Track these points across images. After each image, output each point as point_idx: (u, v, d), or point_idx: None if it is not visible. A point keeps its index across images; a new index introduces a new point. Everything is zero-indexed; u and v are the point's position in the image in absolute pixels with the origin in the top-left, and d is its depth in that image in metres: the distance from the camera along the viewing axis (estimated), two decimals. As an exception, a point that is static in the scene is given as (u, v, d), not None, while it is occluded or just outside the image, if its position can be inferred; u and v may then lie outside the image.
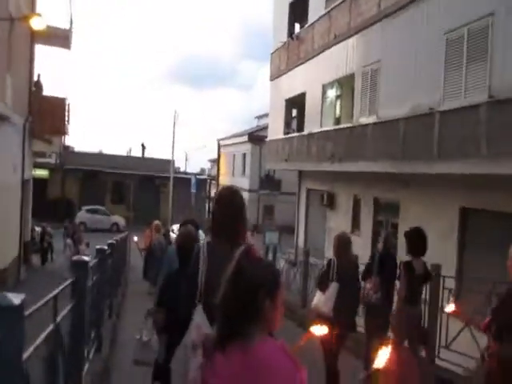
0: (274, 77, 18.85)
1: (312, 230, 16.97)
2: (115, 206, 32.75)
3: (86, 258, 3.91)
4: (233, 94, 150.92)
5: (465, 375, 4.41)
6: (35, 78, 14.71)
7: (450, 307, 3.33)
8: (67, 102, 15.20)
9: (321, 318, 4.83)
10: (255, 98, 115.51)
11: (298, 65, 16.33)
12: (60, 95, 15.31)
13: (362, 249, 10.88)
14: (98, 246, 5.54)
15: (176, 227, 23.38)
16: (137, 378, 4.62)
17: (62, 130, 15.36)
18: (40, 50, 15.43)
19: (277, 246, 11.70)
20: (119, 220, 29.91)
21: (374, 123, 10.73)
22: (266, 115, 31.36)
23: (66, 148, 33.88)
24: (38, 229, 17.47)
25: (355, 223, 13.51)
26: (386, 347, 1.79)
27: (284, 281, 11.26)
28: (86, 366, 4.07)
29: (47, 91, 15.33)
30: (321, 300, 5.01)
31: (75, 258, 4.00)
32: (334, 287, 4.90)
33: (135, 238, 14.66)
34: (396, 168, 9.65)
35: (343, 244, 5.13)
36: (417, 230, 5.26)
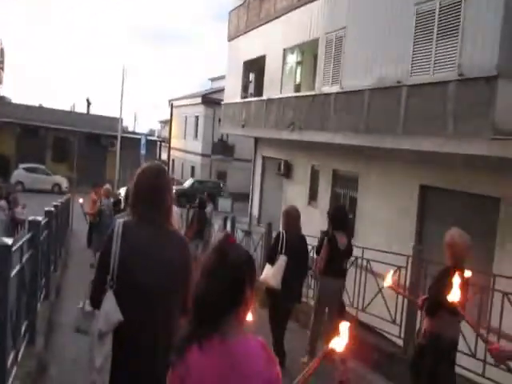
0: (232, 37, 18.00)
1: (267, 199, 16.78)
2: (57, 164, 30.69)
3: (38, 218, 4.75)
4: (188, 54, 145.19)
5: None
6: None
7: (387, 281, 3.41)
8: (0, 46, 13.59)
9: (269, 290, 5.06)
10: (211, 60, 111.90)
11: (259, 26, 15.59)
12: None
13: (319, 221, 10.81)
14: (30, 218, 5.13)
15: (123, 191, 22.29)
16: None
17: None
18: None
19: (235, 217, 11.32)
20: (61, 180, 28.05)
21: (337, 93, 10.43)
22: (221, 78, 30.30)
23: (1, 98, 31.14)
24: None
25: (312, 195, 13.42)
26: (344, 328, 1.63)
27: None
28: (38, 307, 4.84)
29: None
30: (269, 273, 5.05)
31: (30, 218, 4.67)
32: (282, 260, 4.97)
33: (80, 200, 13.77)
34: (358, 141, 9.48)
35: (292, 217, 5.21)
36: (339, 207, 5.82)
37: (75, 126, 30.42)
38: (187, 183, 28.89)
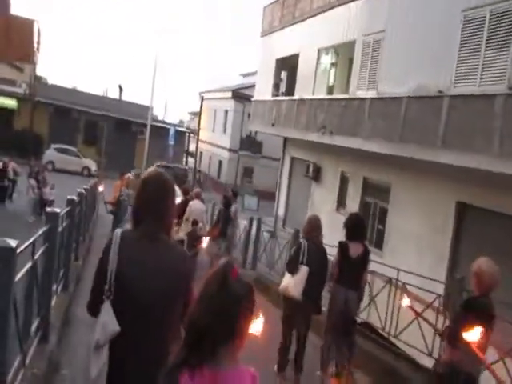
0: (266, 33, 17.64)
1: (294, 200, 16.43)
2: (87, 148, 30.97)
3: (57, 210, 4.57)
4: (221, 47, 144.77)
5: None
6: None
7: (405, 301, 3.32)
8: (37, 26, 13.65)
9: (288, 300, 5.05)
10: (244, 54, 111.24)
11: (294, 23, 15.19)
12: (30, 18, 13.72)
13: None
14: (68, 196, 6.08)
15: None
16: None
17: (30, 56, 13.84)
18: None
19: (260, 219, 11.04)
20: (91, 164, 28.26)
21: (373, 98, 10.00)
22: (252, 74, 29.97)
23: (38, 79, 31.62)
24: None
25: (341, 201, 13.00)
26: None
27: (267, 257, 10.83)
28: (54, 300, 4.77)
29: (15, 11, 13.65)
30: (290, 282, 5.02)
31: (48, 209, 4.61)
32: (304, 271, 4.92)
33: (100, 188, 13.41)
34: (392, 150, 9.05)
35: (313, 227, 5.17)
36: (354, 215, 5.54)
37: (107, 111, 30.68)
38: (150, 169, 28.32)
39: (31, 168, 15.99)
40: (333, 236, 7.04)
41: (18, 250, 2.81)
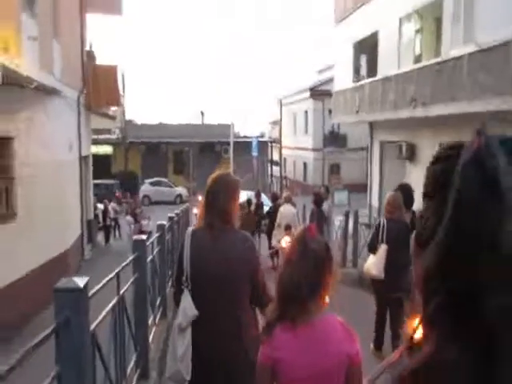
0: (340, 19, 17.05)
1: (388, 187, 15.39)
2: (177, 176, 32.68)
3: (143, 237, 4.23)
4: (293, 48, 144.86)
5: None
6: (87, 48, 14.09)
7: None
8: (120, 71, 14.53)
9: (373, 281, 5.07)
10: (316, 52, 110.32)
11: (368, 0, 14.45)
12: (112, 63, 14.66)
13: None
14: (158, 222, 6.10)
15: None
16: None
17: (116, 101, 14.67)
18: (91, 18, 14.81)
19: (357, 212, 10.29)
20: (182, 191, 29.64)
21: (471, 53, 8.97)
22: (328, 68, 29.33)
23: (128, 122, 34.08)
24: (100, 206, 16.88)
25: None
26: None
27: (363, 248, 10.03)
28: (153, 331, 4.65)
29: (100, 61, 14.75)
30: (371, 262, 5.05)
31: (135, 237, 4.32)
32: (382, 249, 4.91)
33: (195, 211, 13.85)
34: (506, 104, 7.97)
35: (393, 205, 5.04)
36: (402, 186, 5.33)
37: (191, 138, 32.03)
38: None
39: (128, 205, 17.11)
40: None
41: (92, 291, 2.32)
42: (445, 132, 11.64)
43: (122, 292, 3.29)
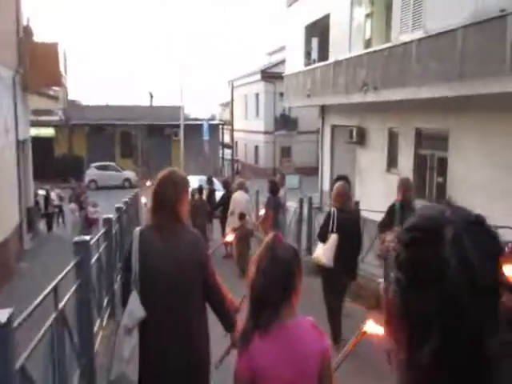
0: (292, 1, 16.85)
1: (339, 171, 15.63)
2: (125, 159, 31.50)
3: (86, 238, 3.84)
4: (241, 31, 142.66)
5: None
6: (24, 23, 12.99)
7: None
8: (62, 49, 13.53)
9: (322, 268, 5.16)
10: (266, 34, 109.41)
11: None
12: (53, 41, 13.60)
13: None
14: (104, 216, 5.76)
15: (190, 179, 22.01)
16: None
17: (57, 81, 13.60)
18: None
19: (311, 198, 10.24)
20: (131, 175, 28.63)
21: (420, 39, 9.11)
22: (279, 50, 29.10)
23: (72, 103, 32.30)
24: (41, 192, 15.73)
25: (392, 160, 12.23)
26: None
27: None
28: (99, 336, 4.31)
29: (39, 38, 13.67)
30: (321, 251, 5.14)
31: (76, 238, 3.81)
32: (333, 238, 4.99)
33: (143, 200, 12.54)
34: (452, 91, 8.18)
35: (343, 193, 5.14)
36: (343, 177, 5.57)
37: (139, 120, 30.85)
38: None
39: (72, 191, 16.13)
40: (387, 198, 6.43)
41: (18, 320, 2.11)
42: (393, 118, 11.89)
43: (61, 306, 2.93)
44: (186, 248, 2.39)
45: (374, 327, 1.99)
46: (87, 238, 3.87)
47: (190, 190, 10.66)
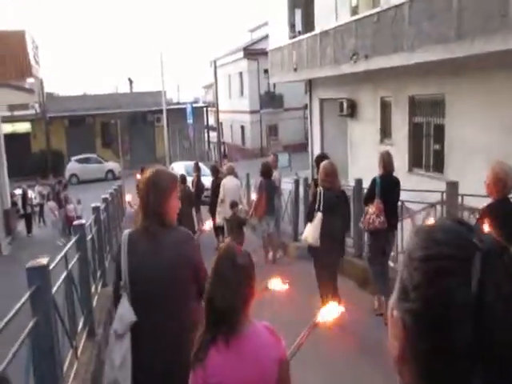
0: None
1: (330, 146, 15.30)
2: (107, 150, 30.42)
3: (82, 221, 4.56)
4: (219, 9, 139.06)
5: None
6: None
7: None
8: (29, 37, 12.59)
9: (311, 248, 5.27)
10: (247, 9, 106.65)
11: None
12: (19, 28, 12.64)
13: (397, 160, 9.31)
14: (92, 204, 6.39)
15: (176, 166, 21.29)
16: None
17: (27, 72, 12.54)
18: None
19: (307, 179, 9.84)
20: (114, 166, 27.13)
21: (413, 0, 8.66)
22: (261, 26, 28.29)
23: (49, 95, 31.15)
24: (19, 192, 14.93)
25: (385, 131, 11.90)
26: None
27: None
28: (95, 298, 5.19)
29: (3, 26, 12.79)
30: (309, 231, 5.21)
31: (75, 222, 4.47)
32: (318, 218, 5.08)
33: (128, 197, 11.05)
34: (450, 52, 7.79)
35: (330, 173, 5.18)
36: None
37: (120, 108, 29.88)
38: None
39: (51, 188, 15.30)
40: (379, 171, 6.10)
41: (54, 264, 3.17)
42: (385, 87, 11.51)
43: (69, 266, 3.94)
44: (175, 249, 2.35)
45: (325, 318, 2.00)
46: (83, 221, 4.53)
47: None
